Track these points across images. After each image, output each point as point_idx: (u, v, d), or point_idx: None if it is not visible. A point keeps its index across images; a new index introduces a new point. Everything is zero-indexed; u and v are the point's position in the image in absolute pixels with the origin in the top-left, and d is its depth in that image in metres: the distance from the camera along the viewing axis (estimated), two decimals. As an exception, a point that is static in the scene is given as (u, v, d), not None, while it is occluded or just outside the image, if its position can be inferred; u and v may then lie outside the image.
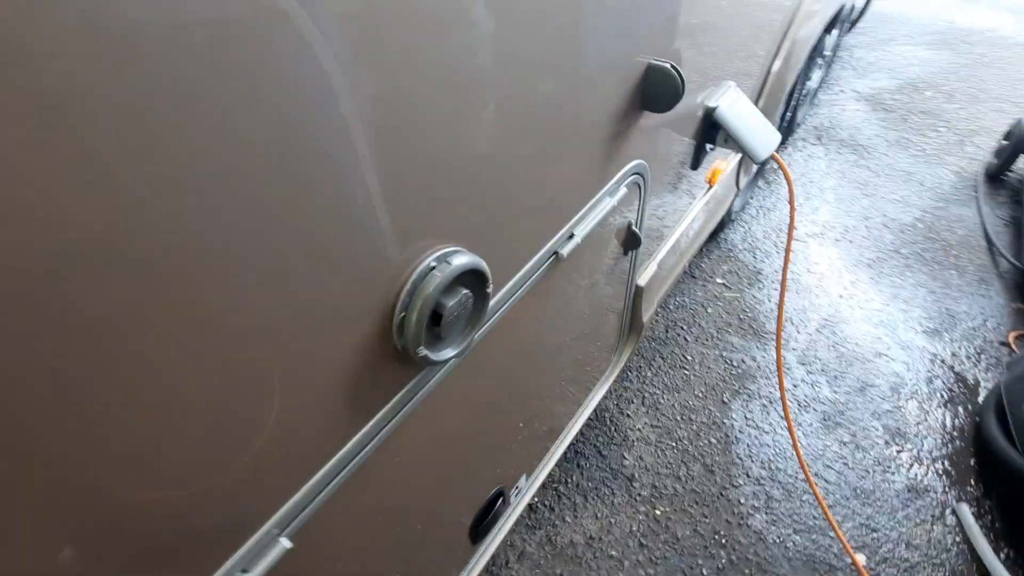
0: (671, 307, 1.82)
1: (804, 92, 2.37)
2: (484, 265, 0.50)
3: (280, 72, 0.31)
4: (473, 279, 0.50)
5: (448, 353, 0.50)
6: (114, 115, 0.26)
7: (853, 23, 2.92)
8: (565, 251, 0.71)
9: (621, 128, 0.76)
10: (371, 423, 0.50)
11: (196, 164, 0.30)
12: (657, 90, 0.76)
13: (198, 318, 0.33)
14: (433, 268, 0.46)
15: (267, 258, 0.36)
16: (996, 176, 2.26)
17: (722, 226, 2.05)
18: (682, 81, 0.74)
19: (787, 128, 2.31)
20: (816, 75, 2.49)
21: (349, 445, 0.48)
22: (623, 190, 0.82)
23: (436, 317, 0.47)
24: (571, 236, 0.72)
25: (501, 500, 0.89)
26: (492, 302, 0.61)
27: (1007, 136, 2.24)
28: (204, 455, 0.38)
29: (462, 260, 0.48)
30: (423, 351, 0.46)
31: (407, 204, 0.45)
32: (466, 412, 0.69)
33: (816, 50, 2.05)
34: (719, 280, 1.92)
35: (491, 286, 0.52)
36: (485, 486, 0.85)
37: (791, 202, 1.04)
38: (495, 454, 0.85)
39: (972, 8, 3.81)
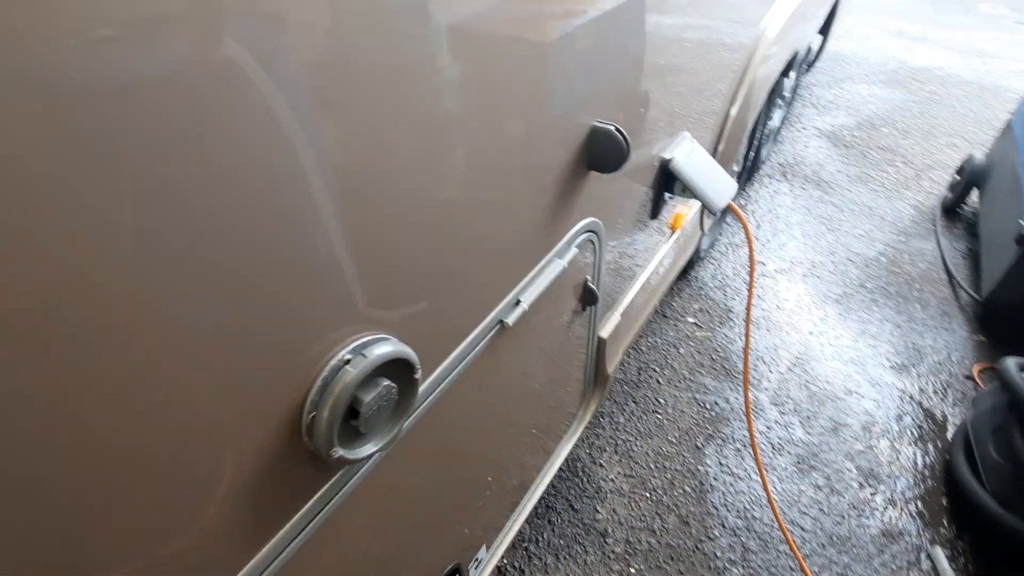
0: (643, 348, 1.81)
1: (766, 132, 2.44)
2: (409, 352, 0.48)
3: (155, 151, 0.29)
4: (398, 368, 0.48)
5: (368, 449, 0.47)
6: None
7: (810, 64, 3.04)
8: (511, 319, 0.68)
9: (568, 189, 0.75)
10: (287, 527, 0.46)
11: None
12: (602, 152, 0.76)
13: (82, 426, 0.30)
14: (348, 362, 0.43)
15: (148, 363, 0.33)
16: (952, 209, 2.33)
17: (692, 264, 2.06)
18: (627, 143, 0.73)
19: (752, 166, 2.37)
20: (777, 115, 2.57)
21: (261, 554, 0.44)
22: (574, 250, 0.81)
23: (354, 412, 0.44)
24: (517, 303, 0.70)
25: (458, 576, 0.84)
26: (428, 382, 0.58)
27: (959, 171, 2.32)
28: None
29: (382, 350, 0.45)
30: (338, 452, 0.43)
31: (316, 289, 0.42)
32: (407, 493, 0.65)
33: (775, 92, 2.12)
34: (690, 319, 1.92)
35: (419, 372, 0.50)
36: (437, 565, 0.80)
37: (751, 259, 1.04)
38: (445, 529, 0.80)
39: (921, 48, 4.01)
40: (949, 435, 1.52)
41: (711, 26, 1.22)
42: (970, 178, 2.21)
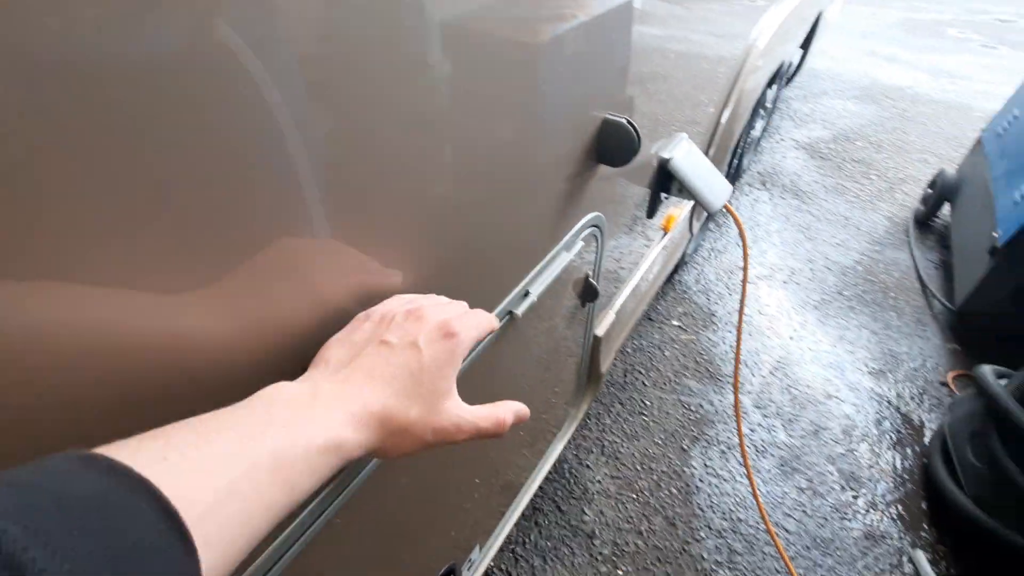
0: (629, 350, 1.81)
1: (749, 140, 2.48)
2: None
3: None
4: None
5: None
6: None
7: (790, 78, 3.12)
8: (520, 310, 0.66)
9: (578, 182, 0.74)
10: (285, 533, 0.43)
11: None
12: (613, 145, 0.74)
13: None
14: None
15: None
16: (924, 222, 2.41)
17: (676, 268, 2.08)
18: (638, 136, 0.72)
19: (734, 174, 2.40)
20: (759, 125, 2.62)
21: (260, 560, 0.41)
22: (580, 243, 0.79)
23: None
24: (526, 294, 0.68)
25: (452, 578, 0.81)
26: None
27: (932, 185, 2.40)
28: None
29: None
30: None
31: (335, 279, 0.39)
32: (404, 496, 0.62)
33: (759, 102, 2.15)
34: (675, 323, 1.93)
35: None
36: (433, 565, 0.77)
37: (744, 259, 1.05)
38: (441, 529, 0.77)
39: (892, 67, 4.17)
40: (926, 440, 1.56)
41: (709, 33, 1.22)
42: (941, 191, 2.29)
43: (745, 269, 1.02)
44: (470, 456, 0.80)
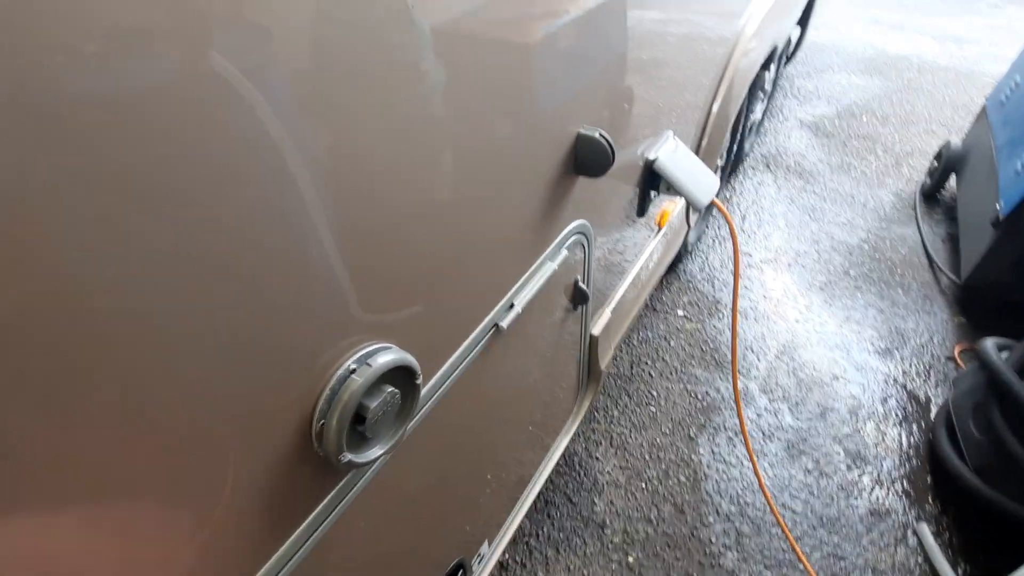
0: (635, 342, 1.84)
1: (749, 125, 2.48)
2: (411, 360, 0.50)
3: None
4: (400, 374, 0.50)
5: (375, 452, 0.49)
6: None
7: (790, 56, 3.08)
8: (505, 323, 0.71)
9: (557, 194, 0.78)
10: (299, 530, 0.48)
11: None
12: (588, 157, 0.78)
13: (102, 440, 0.32)
14: (353, 371, 0.46)
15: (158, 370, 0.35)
16: (931, 195, 2.39)
17: (680, 258, 2.10)
18: (611, 149, 0.76)
19: (735, 159, 2.41)
20: (758, 108, 2.61)
21: (275, 558, 0.47)
22: (564, 252, 0.83)
23: (360, 419, 0.47)
24: (511, 306, 0.73)
25: (461, 572, 0.87)
26: (428, 387, 0.61)
27: (937, 157, 2.37)
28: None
29: (385, 359, 0.47)
30: (347, 457, 0.46)
31: (320, 301, 0.44)
32: (412, 493, 0.67)
33: (755, 86, 2.15)
34: (680, 312, 1.96)
35: (420, 378, 0.52)
36: (442, 561, 0.83)
37: (735, 252, 1.08)
38: (449, 526, 0.83)
39: (897, 35, 4.08)
40: (932, 415, 1.58)
41: (693, 21, 1.24)
42: (947, 164, 2.27)
43: (736, 261, 1.05)
44: (479, 454, 0.85)
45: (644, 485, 1.45)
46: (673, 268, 2.11)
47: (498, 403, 0.85)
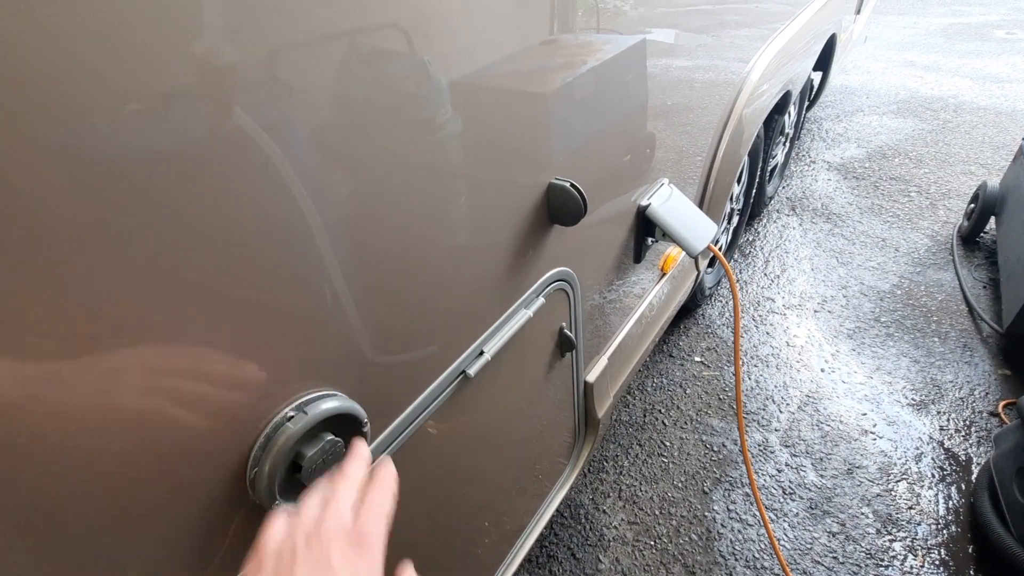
0: (649, 389, 1.79)
1: (770, 168, 2.45)
2: (355, 408, 0.51)
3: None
4: (344, 422, 0.51)
5: (313, 502, 0.50)
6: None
7: (813, 100, 3.06)
8: (473, 370, 0.71)
9: (531, 241, 0.79)
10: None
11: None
12: (561, 206, 0.80)
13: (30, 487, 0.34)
14: (290, 418, 0.47)
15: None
16: (970, 238, 2.27)
17: (697, 303, 2.06)
18: (583, 199, 0.77)
19: (755, 203, 2.37)
20: (780, 151, 2.58)
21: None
22: (541, 300, 0.84)
23: (298, 467, 0.47)
24: (480, 353, 0.73)
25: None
26: (386, 434, 0.61)
27: (974, 198, 2.27)
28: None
29: (325, 406, 0.49)
30: (280, 504, 0.46)
31: (259, 347, 0.45)
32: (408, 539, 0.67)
33: (773, 130, 2.14)
34: (697, 359, 1.90)
35: (367, 427, 0.53)
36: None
37: (734, 294, 1.05)
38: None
39: (932, 77, 4.00)
40: (974, 477, 1.45)
41: (688, 67, 1.26)
42: (984, 205, 2.16)
43: (736, 318, 1.03)
44: (458, 505, 0.84)
45: (653, 543, 1.38)
46: (691, 313, 2.07)
47: (475, 452, 0.84)
